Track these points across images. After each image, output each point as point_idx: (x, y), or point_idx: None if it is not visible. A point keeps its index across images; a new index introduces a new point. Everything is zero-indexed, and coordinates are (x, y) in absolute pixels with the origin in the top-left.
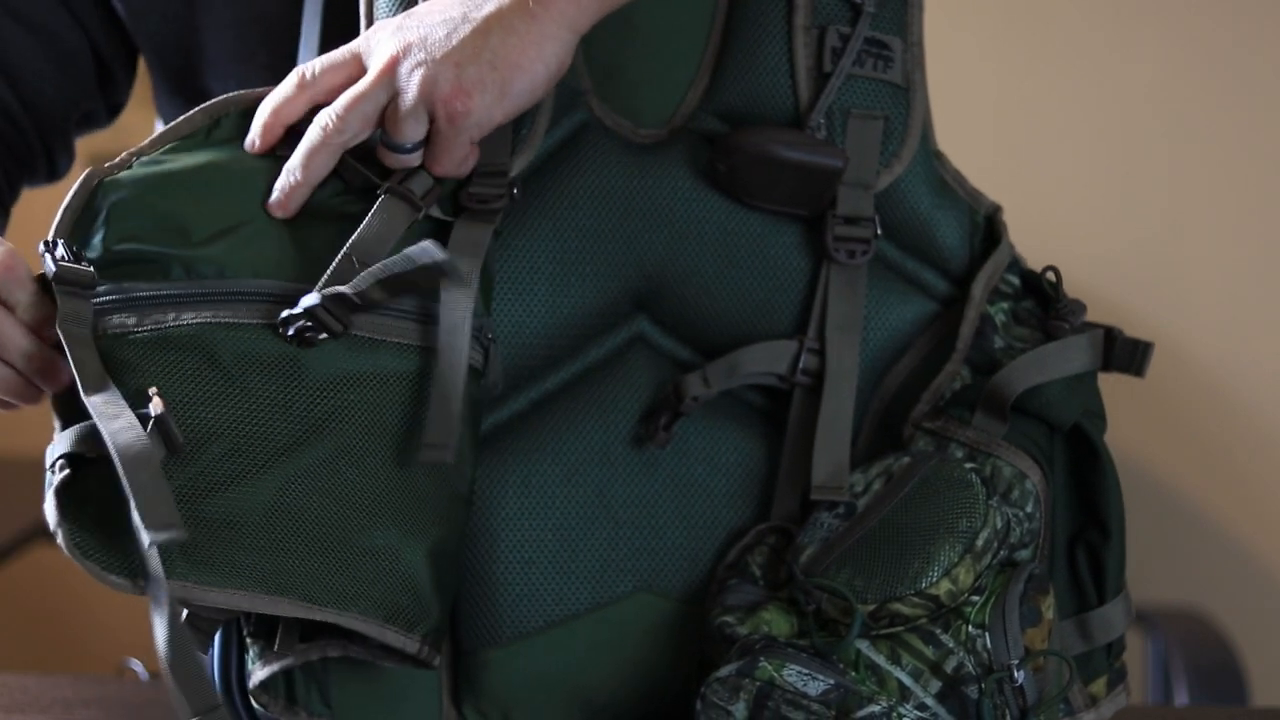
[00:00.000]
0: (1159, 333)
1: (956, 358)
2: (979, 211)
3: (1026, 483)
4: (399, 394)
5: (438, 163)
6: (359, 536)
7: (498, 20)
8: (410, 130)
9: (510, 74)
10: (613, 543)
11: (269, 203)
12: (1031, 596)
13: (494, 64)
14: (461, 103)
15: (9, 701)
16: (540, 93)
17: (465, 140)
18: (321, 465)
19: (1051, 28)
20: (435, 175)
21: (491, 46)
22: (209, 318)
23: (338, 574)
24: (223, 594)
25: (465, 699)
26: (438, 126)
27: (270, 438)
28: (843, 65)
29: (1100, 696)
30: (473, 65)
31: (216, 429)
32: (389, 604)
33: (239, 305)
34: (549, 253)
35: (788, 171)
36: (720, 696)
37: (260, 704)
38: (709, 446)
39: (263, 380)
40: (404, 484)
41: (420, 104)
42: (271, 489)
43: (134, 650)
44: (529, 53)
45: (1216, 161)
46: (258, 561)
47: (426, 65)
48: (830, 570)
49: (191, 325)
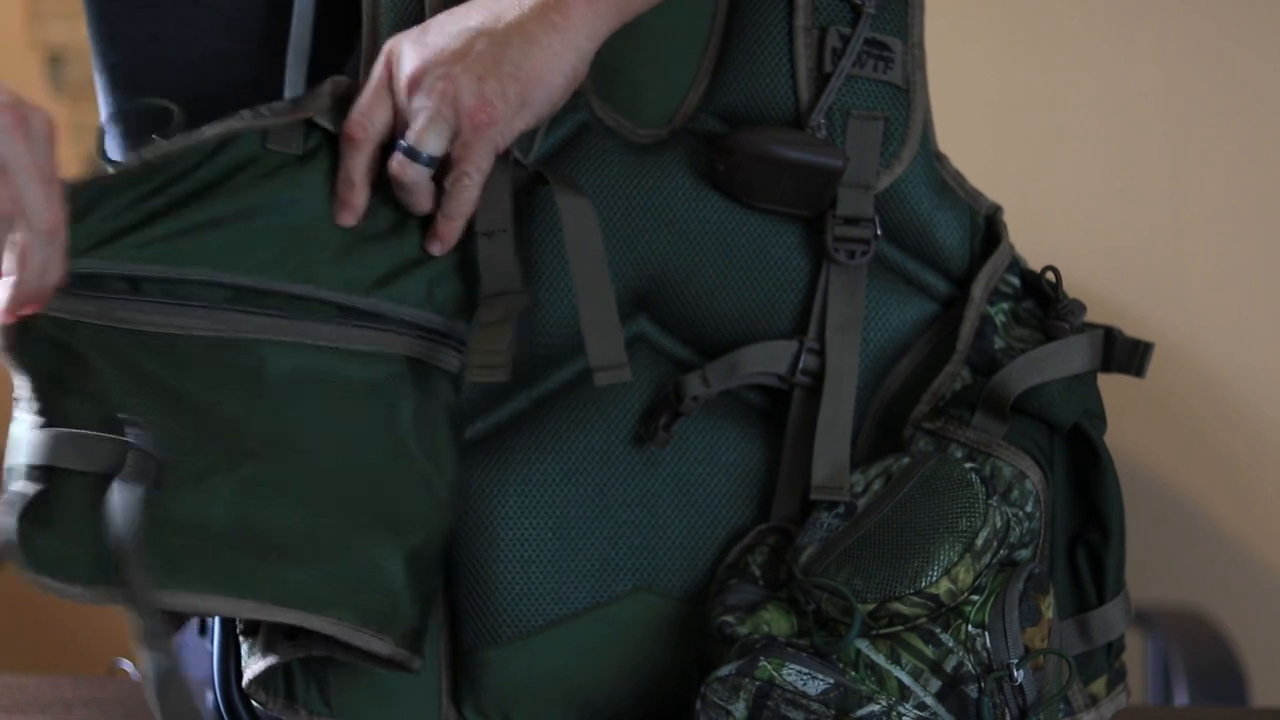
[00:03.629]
0: (1159, 333)
1: (956, 358)
2: (979, 212)
3: (1026, 482)
4: (365, 399)
5: (463, 174)
6: (330, 540)
7: (518, 31)
8: (432, 142)
9: (530, 85)
10: (612, 542)
11: (337, 217)
12: (1031, 596)
13: (515, 76)
14: (486, 114)
15: (9, 701)
16: (559, 102)
17: (490, 150)
18: (284, 468)
19: (1052, 29)
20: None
21: (512, 58)
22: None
23: (307, 577)
24: (186, 598)
25: (465, 698)
26: (463, 138)
27: (233, 439)
28: (843, 66)
29: (1100, 696)
30: (494, 78)
31: (178, 428)
32: (362, 607)
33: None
34: (550, 252)
35: (788, 172)
36: (720, 696)
37: (259, 701)
38: (709, 446)
39: (226, 384)
40: (376, 488)
41: (445, 117)
42: (233, 491)
43: (125, 650)
44: (550, 63)
45: (1216, 161)
46: (221, 565)
47: (448, 79)
48: (830, 570)
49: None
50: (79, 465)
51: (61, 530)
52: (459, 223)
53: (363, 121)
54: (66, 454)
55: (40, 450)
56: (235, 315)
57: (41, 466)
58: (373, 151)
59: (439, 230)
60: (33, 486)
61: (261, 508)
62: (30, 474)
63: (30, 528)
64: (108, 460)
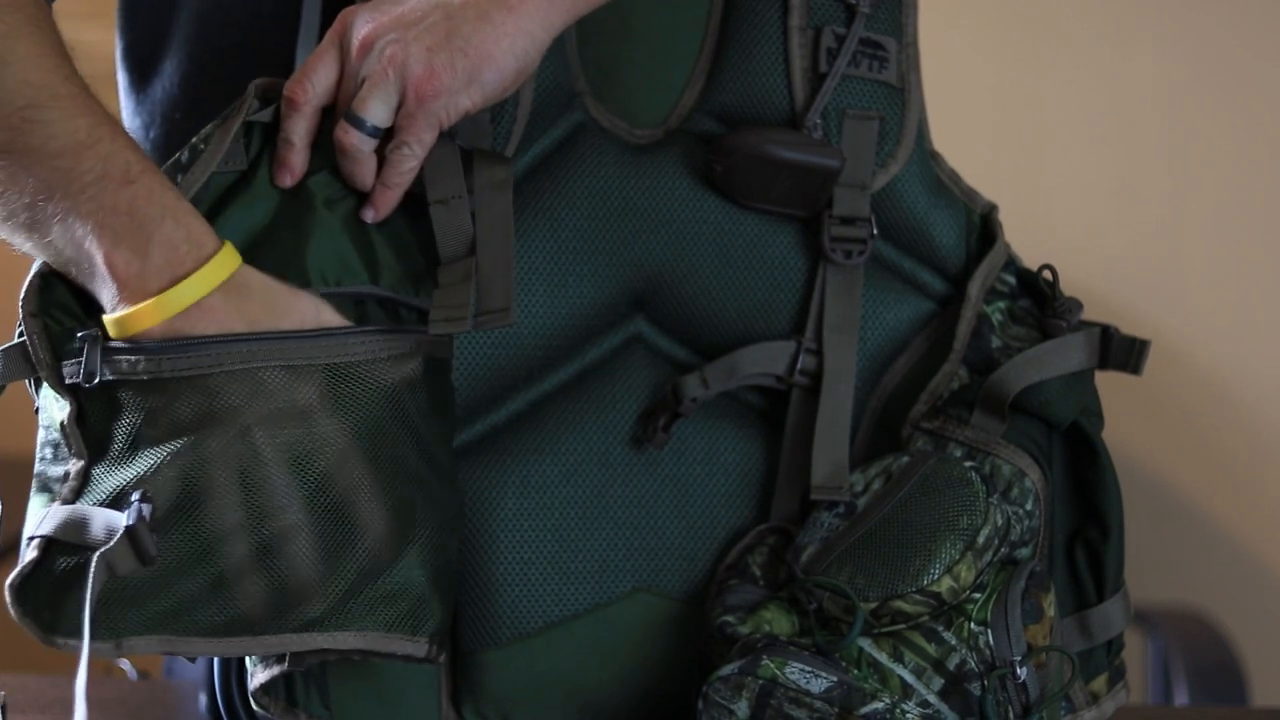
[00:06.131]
0: (1157, 331)
1: (954, 358)
2: (975, 211)
3: (1026, 481)
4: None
5: (403, 144)
6: (350, 560)
7: (474, 8)
8: (376, 110)
9: (480, 62)
10: (612, 543)
11: (275, 177)
12: (1033, 593)
13: (465, 50)
14: (431, 85)
15: (9, 701)
16: (510, 85)
17: (434, 122)
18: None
19: (1048, 27)
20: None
21: (464, 34)
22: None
23: (335, 600)
24: (210, 644)
25: (464, 700)
26: (407, 108)
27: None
28: (838, 66)
29: (1101, 694)
30: (444, 51)
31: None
32: (389, 617)
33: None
34: (546, 253)
35: (785, 172)
36: (722, 695)
37: (261, 706)
38: (707, 447)
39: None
40: (390, 499)
41: (391, 84)
42: (255, 540)
43: None
44: (501, 44)
45: (1215, 160)
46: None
47: (398, 45)
48: (831, 569)
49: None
50: (75, 540)
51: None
52: (395, 193)
53: (303, 82)
54: (73, 531)
55: (53, 525)
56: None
57: (45, 537)
58: (313, 114)
59: (375, 199)
60: (32, 554)
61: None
62: (33, 544)
63: (17, 595)
64: (105, 538)
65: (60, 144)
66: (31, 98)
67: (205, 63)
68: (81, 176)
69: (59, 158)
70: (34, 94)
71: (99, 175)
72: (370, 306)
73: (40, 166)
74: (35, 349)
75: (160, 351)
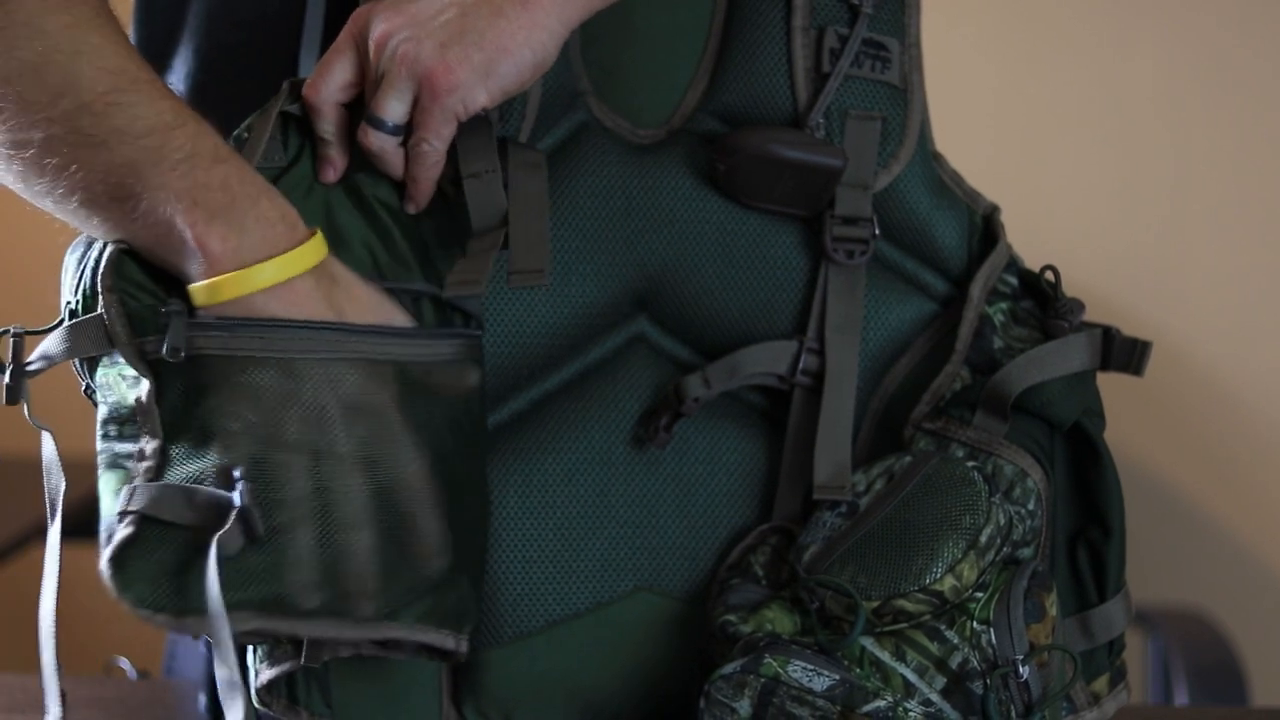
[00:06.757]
0: (1159, 332)
1: (956, 359)
2: (977, 212)
3: (1028, 481)
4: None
5: (421, 139)
6: (409, 558)
7: (488, 4)
8: (392, 108)
9: (495, 55)
10: (613, 542)
11: (319, 174)
12: (1035, 592)
13: (479, 44)
14: (445, 79)
15: (9, 701)
16: (526, 79)
17: (450, 117)
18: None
19: (1050, 28)
20: (414, 159)
21: (478, 28)
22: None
23: (395, 589)
24: (288, 623)
25: (466, 699)
26: (422, 103)
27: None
28: (841, 66)
29: (1102, 694)
30: (457, 45)
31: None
32: (439, 610)
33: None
34: (549, 253)
35: (787, 171)
36: (725, 694)
37: (263, 704)
38: (709, 446)
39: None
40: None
41: (404, 81)
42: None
43: (122, 648)
44: (516, 37)
45: (1216, 161)
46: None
47: (411, 42)
48: (833, 568)
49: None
50: (182, 519)
51: (151, 571)
52: (427, 185)
53: (315, 82)
54: (172, 508)
55: (146, 500)
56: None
57: (140, 513)
58: (333, 111)
59: (410, 192)
60: (128, 530)
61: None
62: (128, 519)
63: (120, 570)
64: (210, 517)
65: (146, 124)
66: (113, 83)
67: (211, 60)
68: (171, 155)
69: (146, 137)
70: (115, 80)
71: (189, 154)
72: (425, 304)
73: (126, 146)
74: (112, 324)
75: (248, 329)
